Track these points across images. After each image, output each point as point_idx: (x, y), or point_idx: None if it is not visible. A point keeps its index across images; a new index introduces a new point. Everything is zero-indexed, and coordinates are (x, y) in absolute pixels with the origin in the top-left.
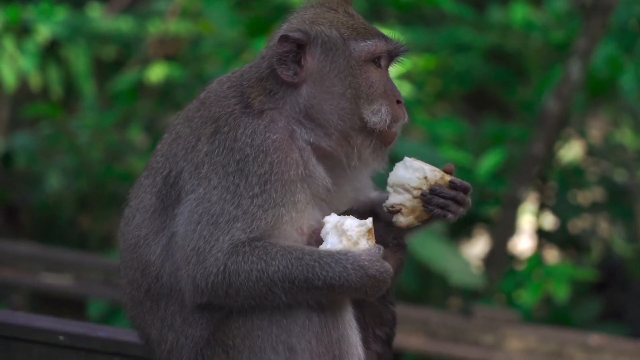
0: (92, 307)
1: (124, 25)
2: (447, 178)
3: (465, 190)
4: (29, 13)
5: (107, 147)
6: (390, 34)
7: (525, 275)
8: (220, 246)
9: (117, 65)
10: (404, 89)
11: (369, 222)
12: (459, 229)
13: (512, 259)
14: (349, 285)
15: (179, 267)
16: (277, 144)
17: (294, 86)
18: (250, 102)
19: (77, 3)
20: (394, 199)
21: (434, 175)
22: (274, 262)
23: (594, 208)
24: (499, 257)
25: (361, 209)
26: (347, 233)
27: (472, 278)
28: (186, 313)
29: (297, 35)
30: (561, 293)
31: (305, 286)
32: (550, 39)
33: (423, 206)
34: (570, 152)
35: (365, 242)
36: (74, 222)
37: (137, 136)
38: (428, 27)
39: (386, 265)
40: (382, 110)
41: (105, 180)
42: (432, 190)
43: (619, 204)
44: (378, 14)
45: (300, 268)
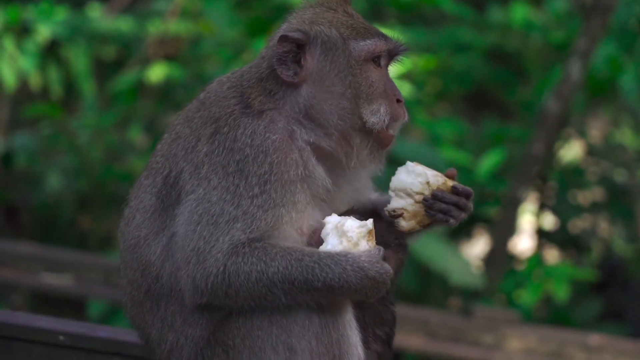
0: (92, 307)
1: (124, 25)
2: (450, 183)
3: (467, 196)
4: (29, 13)
5: (107, 147)
6: (390, 34)
7: (525, 275)
8: (220, 247)
9: (117, 65)
10: (404, 89)
11: (370, 224)
12: (459, 229)
13: (512, 259)
14: (348, 287)
15: (179, 268)
16: (277, 144)
17: (293, 86)
18: (250, 103)
19: (77, 3)
20: (396, 203)
21: (436, 180)
22: (273, 263)
23: (594, 208)
24: (499, 257)
25: (361, 209)
26: (348, 234)
27: (472, 278)
28: (186, 313)
29: (296, 35)
30: (561, 293)
31: (304, 287)
32: (550, 39)
33: (425, 211)
34: (570, 152)
35: (366, 243)
36: (74, 222)
37: (137, 136)
38: (428, 27)
39: (386, 267)
40: (380, 110)
41: (105, 180)
42: (434, 196)
43: (619, 204)
44: (378, 14)
45: (300, 269)
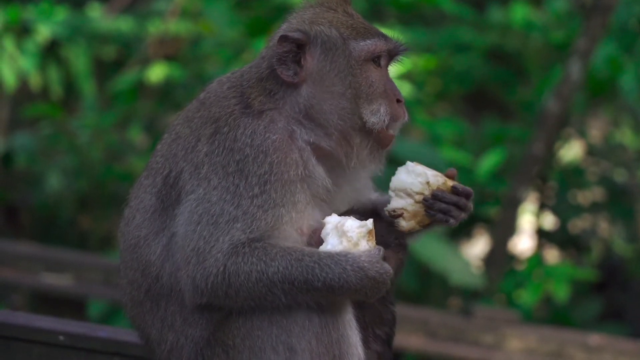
0: (92, 307)
1: (124, 25)
2: (450, 183)
3: (468, 196)
4: (29, 13)
5: (107, 147)
6: (390, 34)
7: (525, 275)
8: (220, 247)
9: (117, 65)
10: (404, 89)
11: (370, 224)
12: (459, 229)
13: (512, 259)
14: (348, 287)
15: (179, 268)
16: (277, 144)
17: (293, 86)
18: (250, 103)
19: (77, 3)
20: (396, 203)
21: (436, 180)
22: (273, 263)
23: (594, 208)
24: (499, 257)
25: (361, 209)
26: (348, 234)
27: (472, 278)
28: (186, 313)
29: (296, 35)
30: (561, 293)
31: (304, 287)
32: (550, 39)
33: (425, 211)
34: (570, 152)
35: (366, 243)
36: (74, 222)
37: (137, 136)
38: (428, 27)
39: (386, 267)
40: (380, 110)
41: (105, 180)
42: (435, 196)
43: (619, 204)
44: (378, 14)
45: (300, 269)
